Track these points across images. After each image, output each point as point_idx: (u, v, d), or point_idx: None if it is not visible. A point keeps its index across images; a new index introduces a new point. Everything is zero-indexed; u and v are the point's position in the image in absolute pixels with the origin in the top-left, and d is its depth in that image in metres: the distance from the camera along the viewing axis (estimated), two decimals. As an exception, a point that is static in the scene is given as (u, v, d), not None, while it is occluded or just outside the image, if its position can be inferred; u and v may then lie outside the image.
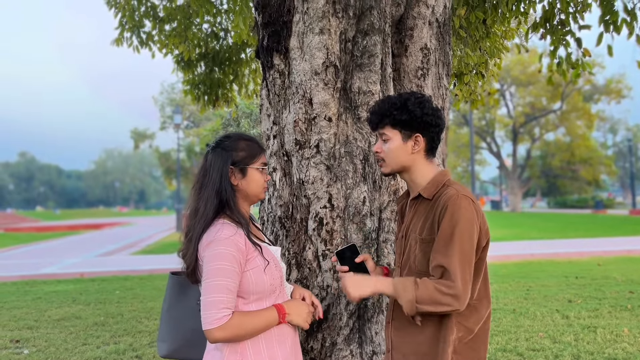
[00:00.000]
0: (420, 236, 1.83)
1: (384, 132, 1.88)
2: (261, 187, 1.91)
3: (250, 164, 1.86)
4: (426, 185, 1.87)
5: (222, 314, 1.68)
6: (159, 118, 40.16)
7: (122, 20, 6.13)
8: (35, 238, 25.19)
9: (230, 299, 1.71)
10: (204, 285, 1.72)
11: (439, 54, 2.65)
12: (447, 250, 1.71)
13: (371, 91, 2.37)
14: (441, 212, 1.76)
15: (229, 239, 1.74)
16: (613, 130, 62.75)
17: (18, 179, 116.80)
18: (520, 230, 20.26)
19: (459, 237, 1.71)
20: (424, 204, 1.87)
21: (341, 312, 2.36)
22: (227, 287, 1.70)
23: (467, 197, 1.77)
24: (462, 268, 1.71)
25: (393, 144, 1.87)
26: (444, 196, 1.80)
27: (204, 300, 1.70)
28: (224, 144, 1.87)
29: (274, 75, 2.48)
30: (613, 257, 11.69)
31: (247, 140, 1.89)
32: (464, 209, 1.74)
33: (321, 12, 2.28)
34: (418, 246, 1.84)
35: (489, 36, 5.52)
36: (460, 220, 1.72)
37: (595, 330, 5.43)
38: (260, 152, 1.90)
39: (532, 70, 38.22)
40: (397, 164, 1.89)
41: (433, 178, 1.88)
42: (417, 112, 1.83)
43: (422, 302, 1.70)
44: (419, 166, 1.89)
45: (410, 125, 1.84)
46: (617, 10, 4.33)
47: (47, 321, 6.68)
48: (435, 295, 1.69)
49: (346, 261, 1.99)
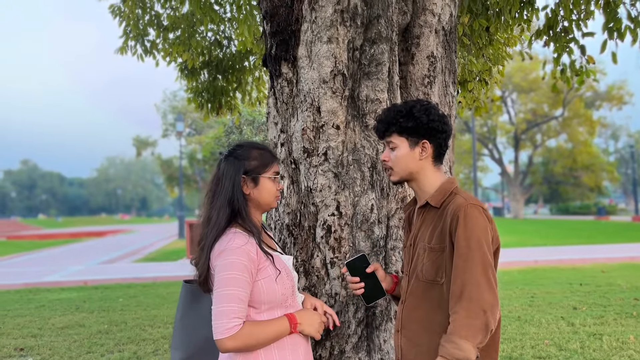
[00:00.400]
0: (429, 245, 1.83)
1: (391, 140, 1.88)
2: (273, 196, 1.91)
3: (263, 173, 1.86)
4: (434, 193, 1.87)
5: (233, 323, 1.68)
6: (161, 125, 40.34)
7: (126, 29, 6.17)
8: (38, 246, 25.21)
9: (241, 309, 1.71)
10: (215, 294, 1.72)
11: (445, 62, 2.67)
12: (467, 264, 1.70)
13: (379, 99, 2.38)
14: (452, 222, 1.76)
15: (240, 248, 1.74)
16: (615, 137, 62.74)
17: (20, 186, 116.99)
18: (522, 237, 20.22)
19: (478, 248, 1.71)
20: (432, 212, 1.87)
21: (349, 320, 2.36)
22: (238, 297, 1.70)
23: (477, 206, 1.77)
24: (486, 278, 1.70)
25: (400, 152, 1.87)
26: (452, 205, 1.79)
27: (215, 310, 1.70)
28: (237, 153, 1.87)
29: (282, 84, 2.49)
30: (617, 263, 11.65)
31: (259, 149, 1.90)
32: (476, 218, 1.74)
33: (329, 21, 2.29)
34: (426, 255, 1.84)
35: (492, 44, 5.54)
36: (474, 230, 1.72)
37: (601, 338, 5.41)
38: (272, 161, 1.90)
39: (533, 77, 38.30)
40: (405, 171, 1.89)
41: (440, 186, 1.88)
42: (423, 118, 1.84)
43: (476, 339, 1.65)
44: (427, 173, 1.89)
45: (417, 132, 1.85)
46: (620, 18, 4.35)
47: (51, 329, 6.67)
48: (476, 323, 1.65)
49: (356, 271, 1.99)
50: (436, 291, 1.82)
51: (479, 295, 1.67)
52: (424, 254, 1.85)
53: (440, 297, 1.81)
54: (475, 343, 1.65)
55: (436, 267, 1.81)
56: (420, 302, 1.86)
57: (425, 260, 1.84)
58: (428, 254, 1.83)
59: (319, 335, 1.93)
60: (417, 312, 1.87)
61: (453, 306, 1.71)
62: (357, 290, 2.01)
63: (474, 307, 1.66)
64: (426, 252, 1.84)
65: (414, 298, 1.89)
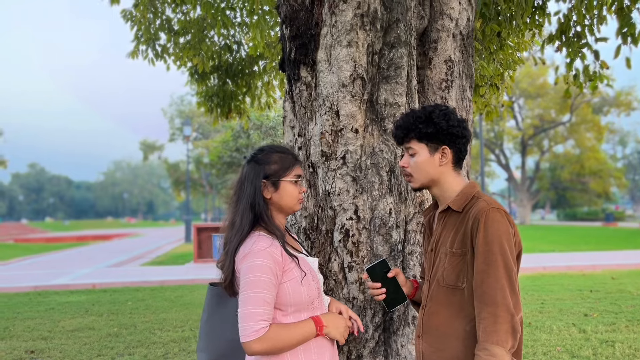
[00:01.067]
0: (451, 249, 1.81)
1: (410, 146, 1.87)
2: (295, 200, 1.90)
3: (283, 177, 1.86)
4: (455, 198, 1.85)
5: (260, 326, 1.68)
6: (168, 130, 40.52)
7: (137, 33, 6.21)
8: (45, 249, 25.32)
9: (267, 311, 1.71)
10: (241, 297, 1.72)
11: (463, 66, 2.66)
12: (490, 268, 1.68)
13: (397, 103, 2.37)
14: (473, 225, 1.74)
15: (264, 250, 1.74)
16: (623, 143, 62.45)
17: (28, 189, 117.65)
18: (530, 243, 20.10)
19: (500, 252, 1.69)
20: (453, 217, 1.86)
21: (367, 324, 2.35)
22: (264, 299, 1.70)
23: (499, 210, 1.75)
24: (510, 282, 1.68)
25: (420, 158, 1.85)
26: (474, 209, 1.78)
27: (241, 313, 1.70)
28: (258, 157, 1.88)
29: (301, 88, 2.49)
30: (627, 270, 11.57)
31: (280, 153, 1.90)
32: (498, 222, 1.72)
33: (349, 25, 2.29)
34: (448, 259, 1.82)
35: (503, 48, 5.53)
36: (496, 234, 1.70)
37: (613, 345, 5.37)
38: (293, 165, 1.90)
39: (540, 82, 38.18)
40: (425, 177, 1.87)
41: (462, 190, 1.86)
42: (443, 124, 1.82)
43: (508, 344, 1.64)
44: (448, 178, 1.88)
45: (437, 137, 1.84)
46: (634, 22, 4.33)
47: (61, 332, 6.69)
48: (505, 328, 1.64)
49: (377, 277, 1.97)
50: (457, 296, 1.81)
51: (505, 299, 1.66)
52: (445, 259, 1.83)
53: (462, 302, 1.79)
54: (507, 348, 1.64)
55: (457, 272, 1.80)
56: (441, 307, 1.85)
57: (446, 265, 1.82)
58: (449, 258, 1.81)
59: (344, 340, 1.92)
60: (438, 317, 1.85)
61: (480, 312, 1.69)
62: (378, 295, 2.00)
63: (500, 312, 1.65)
64: (447, 257, 1.82)
65: (434, 303, 1.87)
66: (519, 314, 1.68)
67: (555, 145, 43.18)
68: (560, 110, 39.27)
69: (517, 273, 1.78)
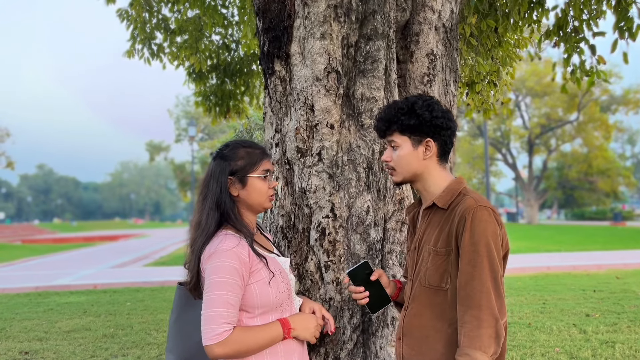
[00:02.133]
0: (435, 248, 1.73)
1: (393, 139, 1.78)
2: (264, 196, 1.83)
3: (250, 173, 1.79)
4: (441, 194, 1.76)
5: (222, 329, 1.62)
6: (174, 130, 40.62)
7: (133, 32, 6.17)
8: (52, 249, 25.42)
9: (231, 314, 1.65)
10: (204, 298, 1.66)
11: (446, 60, 2.59)
12: (475, 270, 1.60)
13: (374, 97, 2.30)
14: (459, 224, 1.66)
15: (230, 250, 1.68)
16: (631, 141, 61.95)
17: (36, 191, 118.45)
18: (536, 243, 19.92)
19: (486, 253, 1.61)
20: (438, 214, 1.76)
21: (345, 325, 2.28)
22: (228, 301, 1.64)
23: (487, 208, 1.66)
24: (495, 285, 1.61)
25: (403, 151, 1.76)
26: (460, 206, 1.69)
27: (204, 315, 1.64)
28: (223, 153, 1.82)
29: (275, 82, 2.42)
30: (632, 270, 11.40)
31: (247, 148, 1.83)
32: (485, 221, 1.63)
33: (322, 17, 2.22)
34: (431, 259, 1.74)
35: (501, 45, 5.44)
36: (483, 234, 1.61)
37: (613, 346, 5.26)
38: (261, 159, 1.82)
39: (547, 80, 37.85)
40: (408, 171, 1.78)
41: (448, 186, 1.77)
42: (426, 115, 1.73)
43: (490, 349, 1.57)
44: (433, 173, 1.79)
45: (420, 129, 1.75)
46: (632, 17, 4.23)
47: (57, 333, 6.66)
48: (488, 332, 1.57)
49: (359, 280, 1.88)
50: (440, 298, 1.72)
51: (489, 302, 1.58)
52: (428, 258, 1.75)
53: (444, 304, 1.71)
54: (490, 354, 1.56)
55: (441, 272, 1.71)
56: (423, 308, 1.77)
57: (429, 264, 1.74)
58: (433, 258, 1.73)
59: (315, 340, 1.86)
60: (420, 319, 1.77)
61: (462, 315, 1.61)
62: (361, 300, 1.90)
63: (484, 316, 1.57)
64: (431, 256, 1.74)
65: (417, 304, 1.79)
66: (504, 319, 1.61)
67: (562, 144, 42.81)
68: (568, 108, 38.92)
69: (503, 275, 1.70)
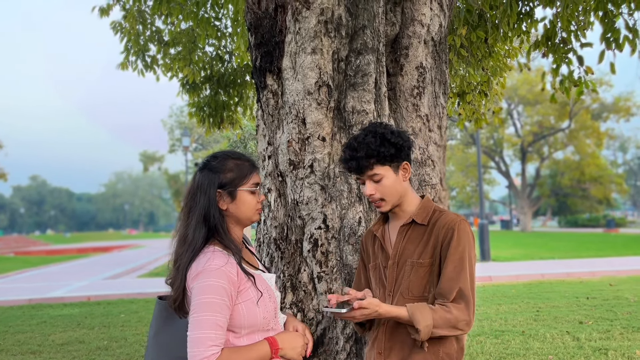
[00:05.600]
0: (418, 260, 1.83)
1: (375, 172, 1.84)
2: (253, 210, 1.78)
3: (240, 186, 1.74)
4: (418, 211, 1.89)
5: (210, 352, 1.56)
6: (168, 141, 40.56)
7: (127, 44, 6.21)
8: (45, 261, 25.24)
9: (219, 335, 1.59)
10: (191, 319, 1.60)
11: (435, 73, 2.63)
12: (460, 275, 1.75)
13: (365, 110, 2.35)
14: (446, 235, 1.80)
15: (219, 269, 1.62)
16: (623, 149, 62.41)
17: (29, 202, 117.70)
18: (530, 250, 19.99)
19: (469, 261, 1.78)
20: (417, 230, 1.88)
21: (337, 336, 2.30)
22: (216, 323, 1.59)
23: (467, 222, 1.85)
24: (472, 292, 1.77)
25: (389, 180, 1.85)
26: (443, 221, 1.83)
27: (191, 336, 1.58)
28: (211, 165, 1.75)
29: (267, 96, 2.46)
30: (625, 276, 11.47)
31: (236, 160, 1.77)
32: (467, 233, 1.80)
33: (313, 32, 2.27)
34: (414, 271, 1.84)
35: (492, 55, 5.51)
36: (467, 245, 1.79)
37: (606, 353, 5.29)
38: (251, 172, 1.77)
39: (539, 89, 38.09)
40: (396, 197, 1.89)
41: (422, 204, 1.91)
42: (400, 141, 1.84)
43: (439, 326, 1.72)
44: (409, 192, 1.93)
45: (398, 156, 1.85)
46: (618, 28, 4.32)
47: (51, 346, 6.62)
48: (451, 319, 1.73)
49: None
50: None
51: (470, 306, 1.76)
52: (410, 271, 1.84)
53: None
54: (435, 332, 1.72)
55: (424, 283, 1.82)
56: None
57: (412, 277, 1.84)
58: (416, 270, 1.83)
59: (301, 359, 1.82)
60: (401, 331, 1.83)
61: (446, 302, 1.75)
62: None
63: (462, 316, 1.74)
64: (413, 269, 1.84)
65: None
66: (473, 322, 1.78)
67: (555, 152, 43.06)
68: (560, 117, 39.19)
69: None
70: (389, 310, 1.73)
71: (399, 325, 1.82)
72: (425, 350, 1.78)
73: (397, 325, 1.83)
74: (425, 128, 2.53)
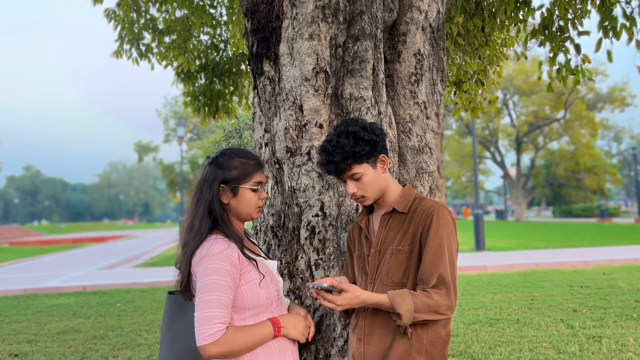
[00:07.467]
0: (398, 247, 1.86)
1: (354, 172, 1.86)
2: (253, 207, 1.88)
3: (242, 184, 1.84)
4: (398, 200, 1.91)
5: (216, 329, 1.65)
6: (163, 131, 40.39)
7: (121, 32, 6.14)
8: (40, 252, 25.19)
9: (224, 314, 1.68)
10: (197, 300, 1.69)
11: (433, 60, 2.62)
12: (440, 261, 1.76)
13: (362, 97, 2.33)
14: (425, 222, 1.81)
15: (221, 253, 1.72)
16: (617, 139, 62.60)
17: (23, 192, 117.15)
18: (524, 240, 20.10)
19: (448, 247, 1.78)
20: (398, 218, 1.91)
21: (335, 323, 2.30)
22: (221, 302, 1.68)
23: (446, 208, 1.86)
24: (453, 278, 1.77)
25: (368, 177, 1.87)
26: (422, 208, 1.85)
27: (198, 316, 1.67)
28: (219, 161, 1.86)
29: (264, 82, 2.44)
30: (619, 265, 11.55)
31: (242, 158, 1.87)
32: (447, 219, 1.81)
33: (310, 18, 2.25)
34: (393, 258, 1.86)
35: (489, 44, 5.49)
36: (446, 230, 1.79)
37: (600, 340, 5.34)
38: (254, 171, 1.87)
39: (534, 79, 38.12)
40: (378, 191, 1.91)
41: (403, 193, 1.93)
42: (373, 137, 1.85)
43: (420, 311, 1.73)
44: (390, 183, 1.94)
45: (374, 151, 1.86)
46: (616, 16, 4.31)
47: (47, 335, 6.62)
48: (432, 304, 1.73)
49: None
50: None
51: (451, 291, 1.77)
52: (390, 258, 1.87)
53: None
54: (417, 317, 1.73)
55: (403, 269, 1.84)
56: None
57: (391, 263, 1.86)
58: (395, 257, 1.86)
59: (304, 339, 1.91)
60: (381, 317, 1.86)
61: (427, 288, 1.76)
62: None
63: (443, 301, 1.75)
64: (393, 256, 1.86)
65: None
66: (455, 307, 1.80)
67: (550, 142, 43.16)
68: (555, 107, 39.25)
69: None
70: (370, 296, 1.76)
71: (379, 312, 1.85)
72: (409, 337, 1.80)
73: (376, 312, 1.86)
74: (423, 115, 2.52)
